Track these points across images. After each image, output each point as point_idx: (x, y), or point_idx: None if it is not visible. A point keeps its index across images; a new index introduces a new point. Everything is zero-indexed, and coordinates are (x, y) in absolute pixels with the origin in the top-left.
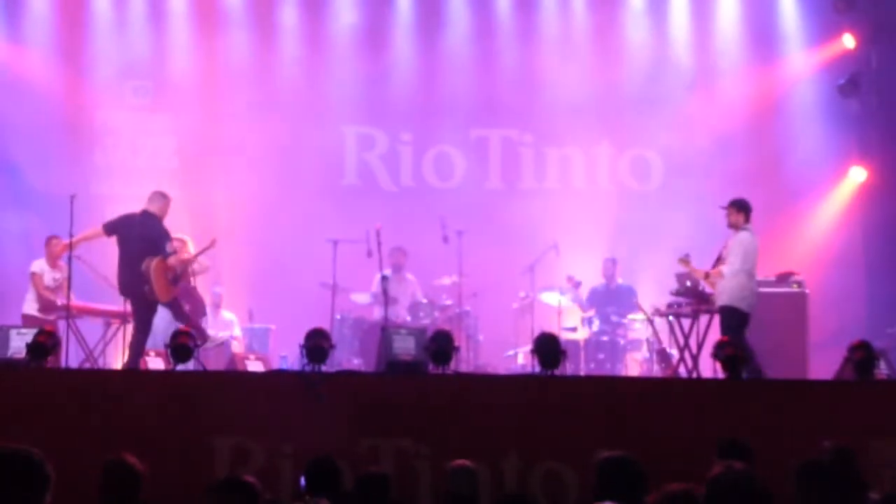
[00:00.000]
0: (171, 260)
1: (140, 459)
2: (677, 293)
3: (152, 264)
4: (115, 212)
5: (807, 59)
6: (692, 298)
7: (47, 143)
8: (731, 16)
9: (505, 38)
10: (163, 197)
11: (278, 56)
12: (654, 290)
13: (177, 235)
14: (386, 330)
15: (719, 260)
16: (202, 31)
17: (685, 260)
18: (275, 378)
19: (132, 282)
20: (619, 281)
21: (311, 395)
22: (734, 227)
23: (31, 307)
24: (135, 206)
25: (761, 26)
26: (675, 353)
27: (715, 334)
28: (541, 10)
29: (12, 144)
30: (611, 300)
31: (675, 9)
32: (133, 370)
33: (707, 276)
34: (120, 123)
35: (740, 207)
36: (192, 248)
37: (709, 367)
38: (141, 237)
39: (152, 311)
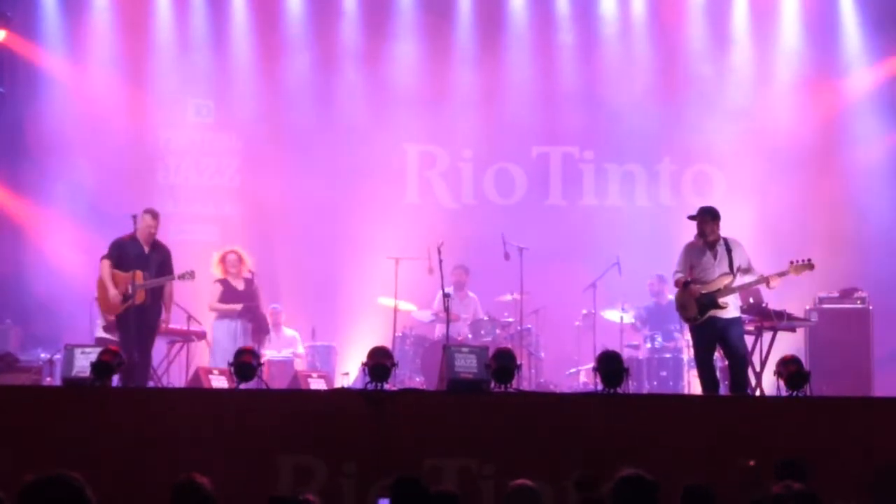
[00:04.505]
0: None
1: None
2: (741, 310)
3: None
4: (177, 231)
5: (870, 75)
6: (755, 315)
7: (110, 163)
8: (792, 32)
9: (565, 54)
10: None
11: (340, 74)
12: None
13: (234, 247)
14: (448, 348)
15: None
16: (264, 49)
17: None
18: (337, 396)
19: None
20: (670, 297)
21: (373, 412)
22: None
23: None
24: (196, 224)
25: (823, 43)
26: None
27: (778, 352)
28: (601, 27)
29: (75, 164)
30: (667, 317)
31: (736, 25)
32: (197, 389)
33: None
34: (182, 142)
35: None
36: (248, 262)
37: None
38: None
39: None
